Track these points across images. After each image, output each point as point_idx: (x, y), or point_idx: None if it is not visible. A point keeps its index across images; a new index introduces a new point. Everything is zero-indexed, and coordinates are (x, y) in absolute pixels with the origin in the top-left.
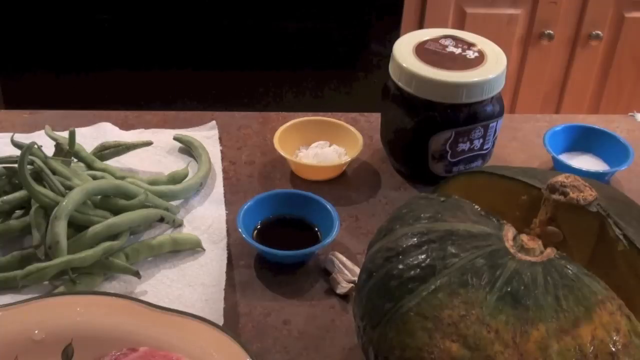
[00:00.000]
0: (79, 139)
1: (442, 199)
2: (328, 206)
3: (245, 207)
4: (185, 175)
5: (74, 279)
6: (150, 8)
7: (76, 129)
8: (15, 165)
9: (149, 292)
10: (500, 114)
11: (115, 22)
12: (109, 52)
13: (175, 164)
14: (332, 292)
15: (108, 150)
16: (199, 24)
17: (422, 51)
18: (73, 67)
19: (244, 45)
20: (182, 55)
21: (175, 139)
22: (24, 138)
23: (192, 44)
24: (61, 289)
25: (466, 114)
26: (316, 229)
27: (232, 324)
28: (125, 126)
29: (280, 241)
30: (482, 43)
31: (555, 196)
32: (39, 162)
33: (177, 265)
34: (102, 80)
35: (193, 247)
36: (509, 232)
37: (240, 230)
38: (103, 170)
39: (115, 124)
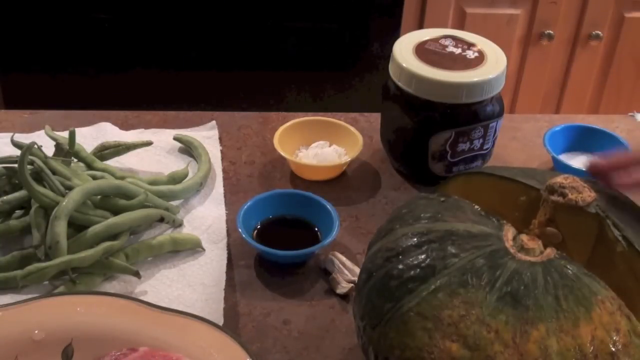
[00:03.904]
0: (79, 139)
1: (442, 199)
2: (328, 206)
3: (245, 207)
4: (185, 175)
5: (74, 279)
6: (150, 8)
7: (76, 129)
8: (15, 165)
9: (149, 292)
10: (500, 114)
11: (116, 22)
12: (109, 52)
13: (175, 164)
14: (332, 292)
15: (108, 150)
16: (199, 24)
17: (422, 51)
18: (73, 67)
19: (244, 46)
20: (182, 55)
21: (175, 139)
22: (24, 138)
23: (193, 44)
24: (61, 289)
25: (466, 114)
26: (316, 229)
27: (232, 324)
28: (125, 126)
29: (280, 241)
30: (482, 43)
31: (554, 197)
32: (39, 162)
33: (177, 265)
34: (102, 80)
35: (193, 247)
36: (509, 232)
37: (240, 230)
38: (103, 170)
39: (115, 124)
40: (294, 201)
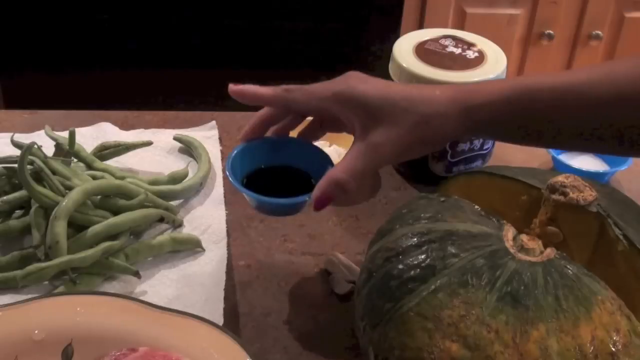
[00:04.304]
0: (79, 139)
1: (442, 199)
2: (315, 148)
3: (233, 155)
4: (185, 175)
5: (74, 279)
6: (150, 8)
7: (76, 129)
8: (15, 165)
9: (149, 292)
10: None
11: (115, 21)
12: (109, 52)
13: (175, 164)
14: (332, 292)
15: (108, 150)
16: (199, 24)
17: (422, 51)
18: (73, 67)
19: (244, 45)
20: (182, 55)
21: (175, 139)
22: (24, 138)
23: (192, 43)
24: (61, 289)
25: None
26: (307, 174)
27: (232, 324)
28: (125, 126)
29: (273, 191)
30: (482, 43)
31: (555, 196)
32: (39, 162)
33: (177, 265)
34: (102, 80)
35: (193, 247)
36: (509, 232)
37: (232, 180)
38: (103, 170)
39: (115, 124)
40: (279, 149)
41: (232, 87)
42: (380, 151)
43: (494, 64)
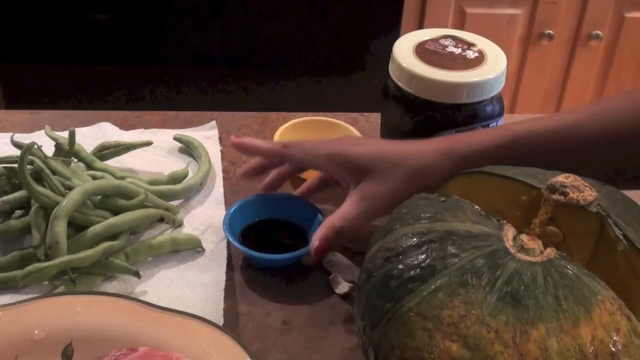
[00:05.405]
0: (79, 139)
1: (442, 199)
2: (307, 203)
3: (229, 215)
4: (185, 175)
5: (74, 279)
6: (150, 8)
7: (76, 129)
8: (15, 165)
9: (149, 292)
10: (500, 114)
11: (116, 21)
12: (109, 52)
13: (175, 164)
14: (332, 292)
15: (108, 150)
16: (199, 24)
17: (422, 51)
18: (73, 67)
19: (244, 45)
20: (182, 55)
21: (175, 139)
22: (24, 138)
23: (193, 43)
24: (61, 289)
25: (466, 114)
26: (305, 230)
27: (232, 324)
28: (125, 126)
29: (268, 246)
30: (482, 43)
31: (555, 196)
32: (39, 162)
33: (177, 265)
34: (102, 80)
35: (193, 247)
36: (509, 232)
37: (229, 237)
38: (103, 170)
39: (115, 124)
40: (272, 204)
41: (234, 140)
42: (373, 201)
43: (494, 64)
